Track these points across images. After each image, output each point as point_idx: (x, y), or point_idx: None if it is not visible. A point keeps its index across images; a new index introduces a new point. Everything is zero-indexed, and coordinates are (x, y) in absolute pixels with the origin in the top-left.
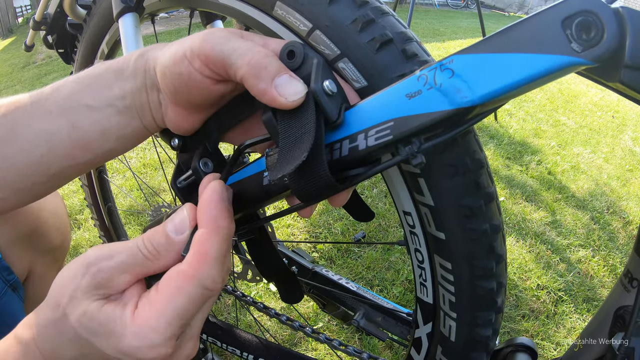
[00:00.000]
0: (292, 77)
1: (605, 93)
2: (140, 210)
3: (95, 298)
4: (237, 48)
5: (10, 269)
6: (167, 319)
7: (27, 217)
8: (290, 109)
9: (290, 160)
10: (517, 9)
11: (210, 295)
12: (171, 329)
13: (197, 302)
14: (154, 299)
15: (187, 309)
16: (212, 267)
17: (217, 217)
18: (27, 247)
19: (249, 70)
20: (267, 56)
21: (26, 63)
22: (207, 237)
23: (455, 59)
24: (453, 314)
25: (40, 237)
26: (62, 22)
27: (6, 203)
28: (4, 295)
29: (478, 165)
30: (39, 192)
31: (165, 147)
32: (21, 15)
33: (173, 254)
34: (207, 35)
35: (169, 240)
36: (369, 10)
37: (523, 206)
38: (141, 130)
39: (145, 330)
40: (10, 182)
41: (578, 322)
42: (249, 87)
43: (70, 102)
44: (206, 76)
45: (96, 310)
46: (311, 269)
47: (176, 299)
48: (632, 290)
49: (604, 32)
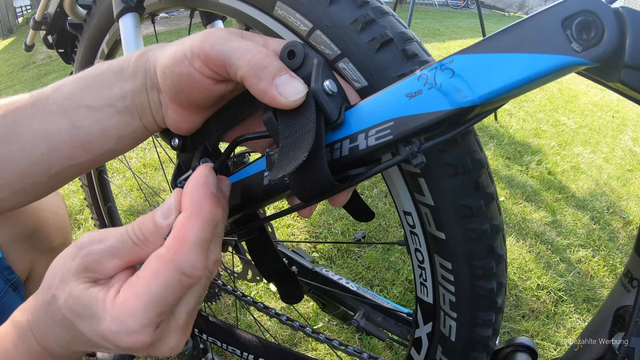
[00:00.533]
0: (292, 77)
1: (605, 93)
2: (140, 210)
3: (83, 281)
4: (237, 48)
5: (11, 268)
6: (144, 303)
7: (27, 216)
8: (291, 108)
9: (291, 161)
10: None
11: (190, 282)
12: (149, 314)
13: (176, 288)
14: (134, 283)
15: (164, 295)
16: (191, 251)
17: (199, 201)
18: (28, 246)
19: (249, 70)
20: (268, 56)
21: (26, 63)
22: (186, 220)
23: (455, 58)
24: (453, 314)
25: (41, 237)
26: (62, 22)
27: (6, 203)
28: (5, 295)
29: (478, 165)
30: (39, 191)
31: (165, 147)
32: (21, 15)
33: (161, 240)
34: (207, 35)
35: (156, 226)
36: (369, 10)
37: (523, 206)
38: (141, 130)
39: (123, 315)
40: (11, 181)
41: (578, 322)
42: (249, 86)
43: (70, 102)
44: (206, 76)
45: (82, 292)
46: (311, 269)
47: (153, 283)
48: (632, 290)
49: (604, 32)
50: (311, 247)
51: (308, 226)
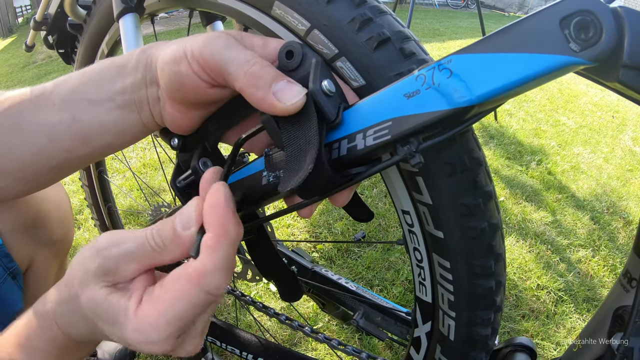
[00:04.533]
0: (289, 82)
1: (605, 93)
2: (140, 210)
3: (103, 285)
4: (235, 58)
5: (10, 256)
6: (167, 319)
7: (30, 207)
8: (292, 114)
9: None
10: (517, 9)
11: (213, 300)
12: (170, 328)
13: (200, 306)
14: (158, 296)
15: (188, 312)
16: (218, 274)
17: (225, 222)
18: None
19: (247, 81)
20: (264, 66)
21: (26, 63)
22: (215, 243)
23: (453, 58)
24: (452, 313)
25: (42, 228)
26: (62, 22)
27: (8, 191)
28: (4, 283)
29: (476, 164)
30: (40, 182)
31: (165, 147)
32: (21, 15)
33: (180, 247)
34: (208, 41)
35: (176, 235)
36: (367, 9)
37: (523, 206)
38: (138, 126)
39: (146, 327)
40: (13, 171)
41: (578, 322)
42: (248, 97)
43: (72, 95)
44: (203, 80)
45: (102, 297)
46: (311, 268)
47: (179, 302)
48: (631, 290)
49: (602, 31)
50: (311, 247)
51: (308, 226)
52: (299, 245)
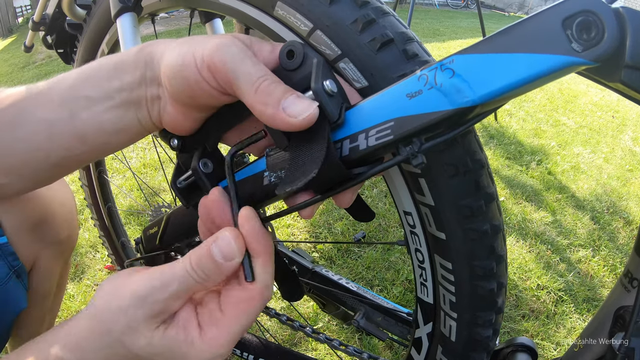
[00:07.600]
0: (299, 97)
1: (605, 93)
2: (140, 210)
3: (155, 326)
4: (246, 73)
5: (15, 254)
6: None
7: (35, 206)
8: (305, 129)
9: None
10: (517, 9)
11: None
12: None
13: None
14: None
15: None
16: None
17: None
18: (34, 235)
19: (256, 99)
20: (273, 82)
21: (26, 63)
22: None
23: (455, 58)
24: (453, 314)
25: (48, 228)
26: (61, 22)
27: (10, 188)
28: (9, 281)
29: (478, 166)
30: (41, 179)
31: (165, 147)
32: (21, 15)
33: (223, 276)
34: (221, 48)
35: (218, 266)
36: (369, 10)
37: (523, 206)
38: (135, 125)
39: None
40: (14, 167)
41: (578, 322)
42: (258, 115)
43: (71, 92)
44: (211, 86)
45: (159, 337)
46: (311, 268)
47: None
48: (632, 290)
49: (605, 32)
50: (311, 247)
51: (308, 226)
52: (299, 245)
